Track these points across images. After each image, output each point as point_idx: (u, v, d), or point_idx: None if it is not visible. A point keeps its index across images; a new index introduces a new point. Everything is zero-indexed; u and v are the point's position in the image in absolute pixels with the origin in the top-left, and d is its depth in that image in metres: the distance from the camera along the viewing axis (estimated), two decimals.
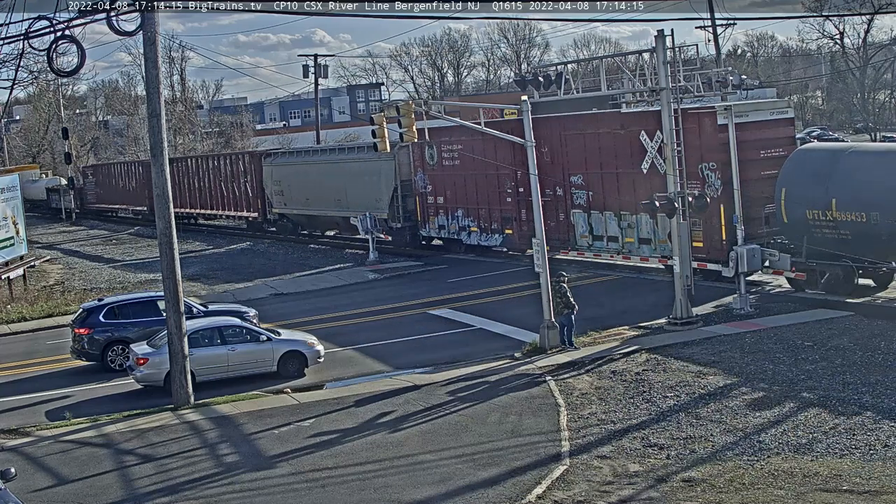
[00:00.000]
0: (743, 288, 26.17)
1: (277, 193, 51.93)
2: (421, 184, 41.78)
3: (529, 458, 16.72)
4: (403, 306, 31.62)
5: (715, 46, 53.22)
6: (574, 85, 26.84)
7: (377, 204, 43.23)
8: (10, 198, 42.36)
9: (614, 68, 32.86)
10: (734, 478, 15.17)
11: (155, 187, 21.72)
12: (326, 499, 15.74)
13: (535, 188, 24.83)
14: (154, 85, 21.36)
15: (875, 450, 15.83)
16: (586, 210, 33.59)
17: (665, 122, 25.18)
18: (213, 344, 23.46)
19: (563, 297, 24.04)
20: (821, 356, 21.22)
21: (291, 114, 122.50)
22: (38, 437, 20.14)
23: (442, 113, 26.82)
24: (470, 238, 39.50)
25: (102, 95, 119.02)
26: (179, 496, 16.29)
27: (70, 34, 20.21)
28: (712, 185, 28.54)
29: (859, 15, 69.42)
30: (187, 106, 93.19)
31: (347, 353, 26.01)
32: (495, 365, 23.12)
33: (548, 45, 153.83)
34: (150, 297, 27.25)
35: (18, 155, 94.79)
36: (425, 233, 42.22)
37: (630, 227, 31.96)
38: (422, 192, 41.84)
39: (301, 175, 49.74)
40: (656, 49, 24.84)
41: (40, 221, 75.77)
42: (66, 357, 26.80)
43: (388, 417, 19.64)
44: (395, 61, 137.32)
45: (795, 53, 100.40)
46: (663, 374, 21.03)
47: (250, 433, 19.33)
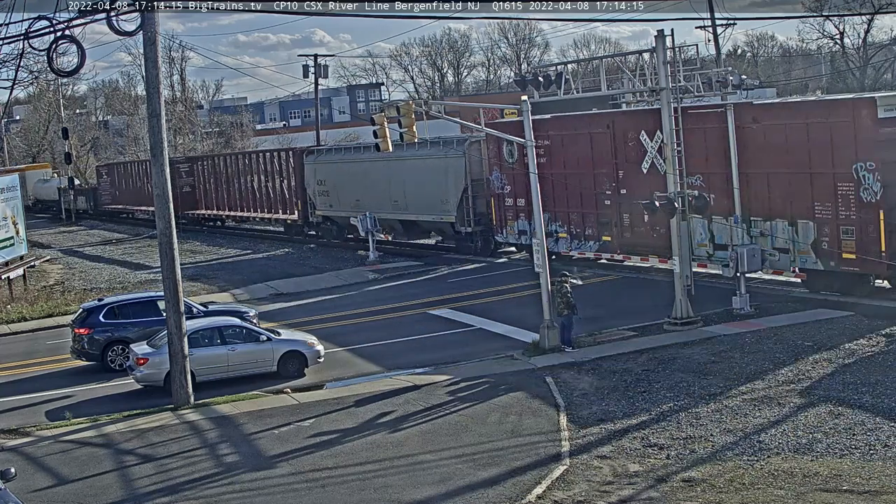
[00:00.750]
0: (743, 288, 26.15)
1: (322, 194, 47.89)
2: (497, 183, 37.68)
3: (529, 458, 16.72)
4: (403, 306, 31.62)
5: (715, 46, 53.20)
6: (574, 85, 26.82)
7: (443, 206, 39.87)
8: (10, 198, 42.41)
9: (614, 68, 32.84)
10: (734, 478, 15.17)
11: (155, 187, 21.74)
12: (326, 499, 15.74)
13: (535, 188, 24.87)
14: (154, 85, 21.36)
15: (875, 450, 15.83)
16: (706, 216, 29.10)
17: (665, 122, 25.17)
18: (213, 344, 23.47)
19: (564, 298, 24.05)
20: (821, 356, 21.20)
21: (291, 114, 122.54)
22: (38, 437, 20.14)
23: (442, 113, 26.79)
24: (558, 245, 35.10)
25: (102, 95, 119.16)
26: (179, 496, 16.29)
27: (70, 34, 20.24)
28: (869, 188, 25.15)
29: (859, 15, 69.41)
30: (187, 106, 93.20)
31: (347, 353, 26.01)
32: (495, 365, 23.12)
33: (548, 45, 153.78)
34: (150, 297, 27.28)
35: (18, 155, 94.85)
36: (501, 238, 38.21)
37: (763, 235, 27.93)
38: (498, 193, 37.77)
39: (350, 173, 45.49)
40: (656, 49, 24.84)
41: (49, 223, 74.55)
42: (66, 357, 26.81)
43: (388, 417, 19.64)
44: (395, 61, 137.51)
45: (795, 53, 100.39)
46: (663, 374, 21.04)
47: (250, 433, 19.33)
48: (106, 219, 75.03)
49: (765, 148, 27.62)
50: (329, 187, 47.29)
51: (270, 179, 53.34)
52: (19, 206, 44.01)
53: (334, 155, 47.93)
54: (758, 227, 28.07)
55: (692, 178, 28.86)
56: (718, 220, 28.93)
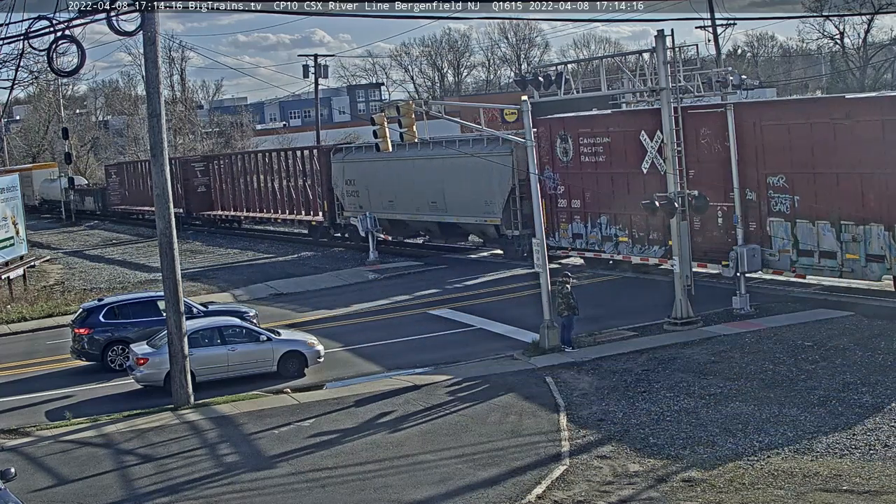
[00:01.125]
0: (743, 288, 26.16)
1: (351, 194, 45.41)
2: (550, 184, 35.01)
3: (529, 458, 16.72)
4: (403, 306, 31.62)
5: (715, 46, 53.23)
6: (574, 85, 26.83)
7: (487, 207, 37.61)
8: (9, 198, 42.44)
9: (614, 68, 32.73)
10: (734, 478, 15.18)
11: (155, 187, 21.73)
12: (326, 499, 15.75)
13: (535, 188, 24.89)
14: (154, 85, 21.36)
15: (875, 450, 15.84)
16: (789, 218, 27.22)
17: (665, 123, 25.17)
18: (213, 344, 23.47)
19: (564, 299, 24.05)
20: (821, 356, 21.22)
21: (291, 114, 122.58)
22: (38, 437, 20.14)
23: (442, 113, 26.80)
24: (618, 249, 32.83)
25: (102, 95, 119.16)
26: (179, 496, 16.29)
27: (70, 34, 20.25)
28: None
29: (859, 15, 69.49)
30: (187, 106, 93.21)
31: (347, 353, 26.01)
32: (495, 365, 23.12)
33: (548, 45, 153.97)
34: (150, 297, 27.27)
35: (19, 155, 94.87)
36: (553, 242, 34.39)
37: (854, 241, 25.65)
38: (550, 194, 35.06)
39: (383, 173, 42.94)
40: (656, 49, 24.85)
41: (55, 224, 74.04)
42: (66, 357, 26.80)
43: (388, 417, 19.64)
44: (395, 61, 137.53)
45: (795, 53, 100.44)
46: (663, 374, 21.04)
47: (250, 433, 19.33)
48: (116, 220, 73.10)
49: (857, 144, 25.40)
50: (359, 187, 44.87)
51: (292, 179, 51.21)
52: (19, 206, 44.04)
53: (365, 153, 44.11)
54: (849, 232, 25.79)
55: (774, 177, 27.33)
56: (803, 223, 26.86)
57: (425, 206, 40.98)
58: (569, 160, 34.52)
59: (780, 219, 27.38)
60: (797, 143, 26.94)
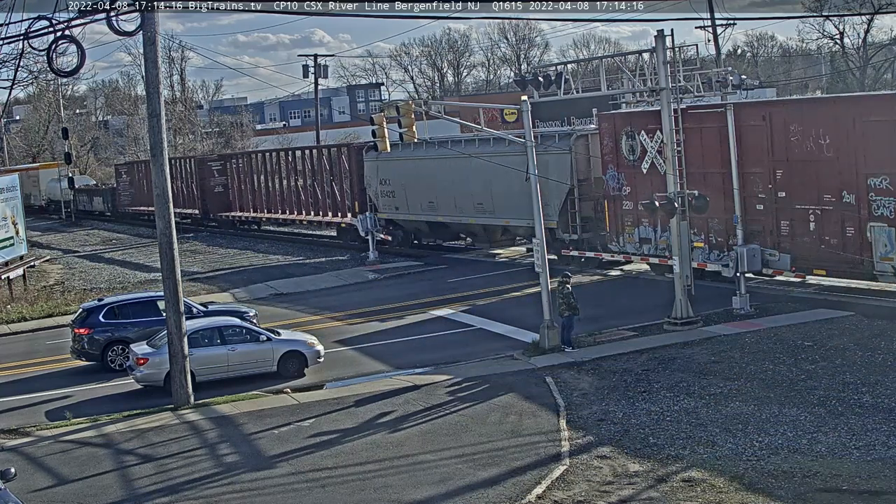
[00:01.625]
0: (743, 288, 26.16)
1: (386, 195, 42.58)
2: (613, 184, 32.42)
3: (529, 458, 16.73)
4: (404, 306, 31.61)
5: (715, 46, 53.27)
6: (574, 85, 26.86)
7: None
8: (9, 198, 42.44)
9: (614, 68, 32.68)
10: (734, 478, 15.18)
11: (155, 187, 21.73)
12: (326, 499, 15.75)
13: (535, 189, 24.88)
14: (154, 85, 21.37)
15: (875, 450, 15.84)
16: (893, 223, 24.63)
17: (665, 122, 25.18)
18: (213, 344, 23.47)
19: (565, 299, 24.04)
20: (821, 356, 21.22)
21: (291, 114, 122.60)
22: (38, 437, 20.14)
23: (442, 113, 26.82)
24: (692, 256, 28.84)
25: (102, 95, 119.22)
26: (179, 496, 16.29)
27: (70, 34, 20.26)
28: None
29: (859, 15, 69.46)
30: (187, 106, 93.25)
31: (347, 353, 26.01)
32: (495, 365, 23.12)
33: (548, 45, 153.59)
34: (150, 297, 27.27)
35: (19, 155, 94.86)
36: (616, 248, 32.54)
37: None
38: (614, 196, 32.51)
39: (422, 172, 40.39)
40: (656, 49, 24.86)
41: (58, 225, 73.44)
42: (66, 357, 26.80)
43: (388, 417, 19.64)
44: (395, 61, 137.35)
45: (795, 53, 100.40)
46: (663, 374, 21.04)
47: (250, 433, 19.33)
48: (128, 221, 70.77)
49: None
50: (395, 187, 42.05)
51: (318, 178, 48.38)
52: (19, 206, 44.04)
53: (402, 151, 39.42)
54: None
55: (876, 179, 24.84)
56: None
57: (470, 208, 38.49)
58: (635, 159, 31.51)
59: (884, 224, 24.75)
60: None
